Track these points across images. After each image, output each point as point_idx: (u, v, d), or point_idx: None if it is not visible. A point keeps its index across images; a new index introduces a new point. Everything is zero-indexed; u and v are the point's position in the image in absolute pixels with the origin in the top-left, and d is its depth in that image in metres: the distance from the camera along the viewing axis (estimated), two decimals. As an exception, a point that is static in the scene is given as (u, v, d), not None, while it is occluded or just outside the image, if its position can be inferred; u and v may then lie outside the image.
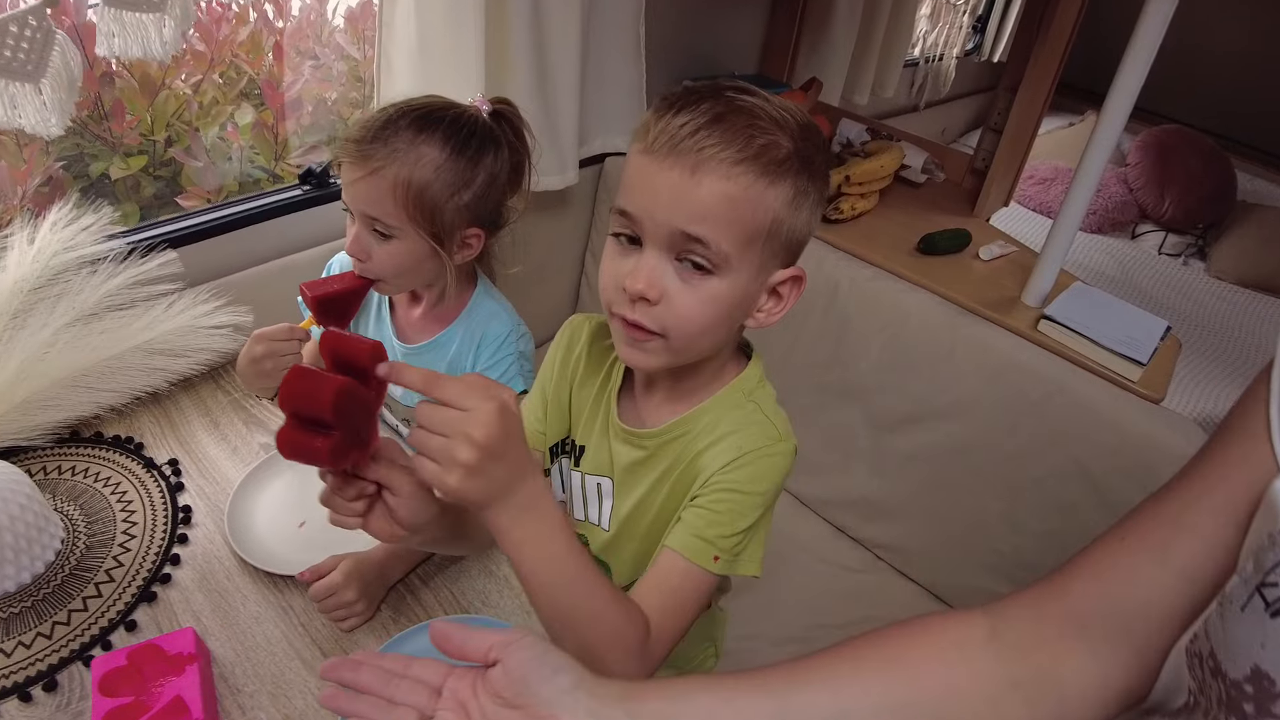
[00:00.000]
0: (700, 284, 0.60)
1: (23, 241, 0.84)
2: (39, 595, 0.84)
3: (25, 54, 0.80)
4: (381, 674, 0.51)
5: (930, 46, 2.09)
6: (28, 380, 0.78)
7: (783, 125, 0.58)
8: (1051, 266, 1.13)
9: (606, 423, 0.75)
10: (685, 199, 0.58)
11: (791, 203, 0.59)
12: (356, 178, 0.85)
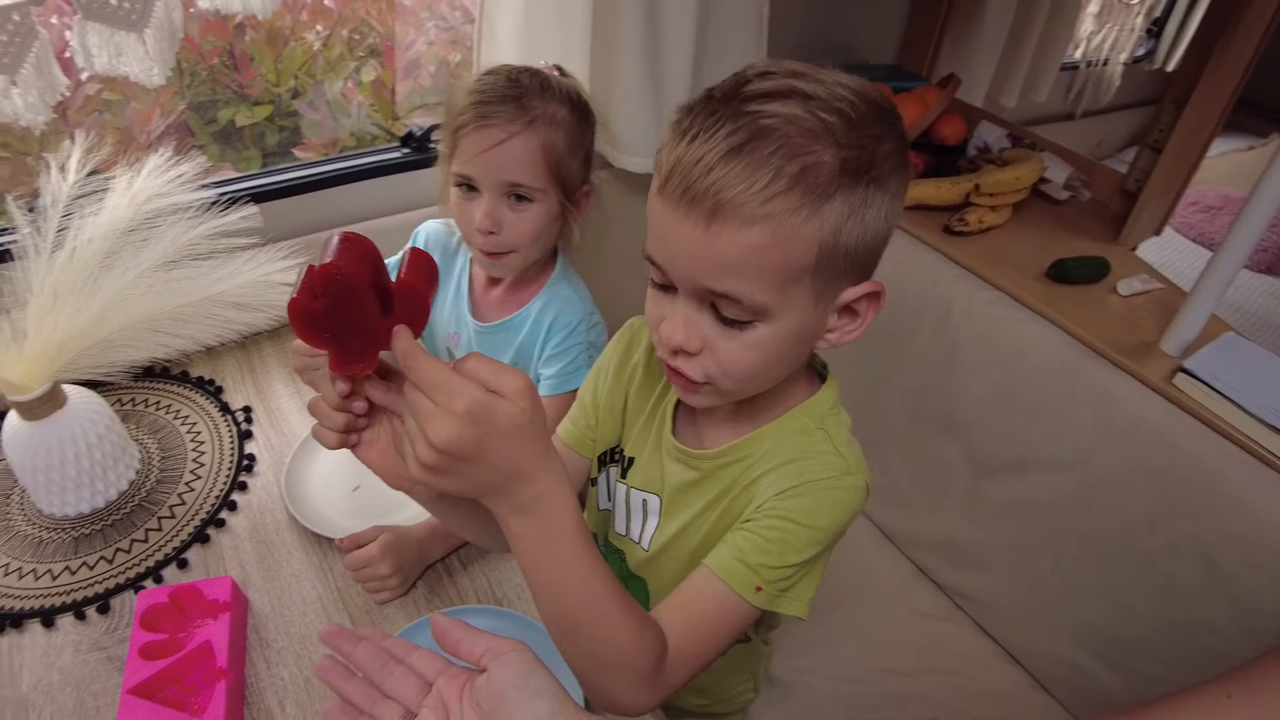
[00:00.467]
0: (740, 334, 0.55)
1: (123, 185, 0.87)
2: (109, 520, 0.88)
3: (130, 3, 0.82)
4: (379, 655, 0.51)
5: (1095, 49, 1.88)
6: (109, 320, 0.81)
7: (825, 132, 0.50)
8: (1200, 311, 0.99)
9: (660, 438, 0.70)
10: (704, 254, 0.52)
11: (849, 219, 0.52)
12: (496, 142, 0.85)
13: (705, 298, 0.55)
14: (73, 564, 0.84)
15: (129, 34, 0.83)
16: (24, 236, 0.84)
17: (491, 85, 0.87)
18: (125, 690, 0.69)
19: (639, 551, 0.74)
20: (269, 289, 0.82)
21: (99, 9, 0.81)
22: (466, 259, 1.03)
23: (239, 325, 0.83)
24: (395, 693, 0.49)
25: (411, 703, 0.48)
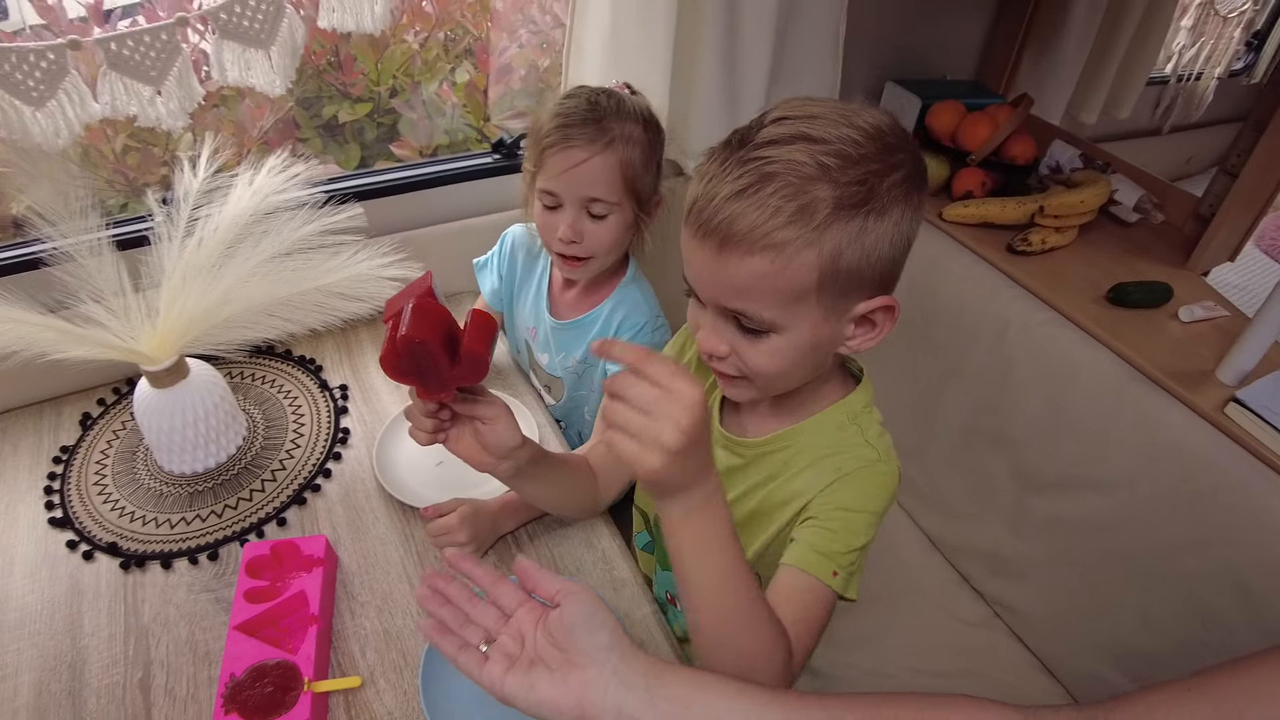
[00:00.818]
0: (759, 341, 0.64)
1: (245, 181, 0.99)
2: (219, 480, 1.01)
3: (260, 25, 0.94)
4: (462, 592, 0.61)
5: (1186, 63, 1.83)
6: (230, 303, 0.93)
7: (823, 173, 0.58)
8: (1259, 340, 0.99)
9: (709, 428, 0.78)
10: (718, 277, 0.62)
11: (849, 246, 0.59)
12: (580, 161, 0.94)
13: (725, 311, 0.64)
14: (188, 516, 0.97)
15: (258, 50, 0.94)
16: (159, 225, 0.96)
17: (573, 109, 0.96)
18: (232, 626, 0.81)
19: None
20: (371, 282, 0.93)
21: (233, 29, 0.92)
22: (547, 261, 1.13)
23: (342, 313, 0.93)
24: (480, 620, 0.59)
25: (493, 629, 0.58)
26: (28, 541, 0.95)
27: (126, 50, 0.89)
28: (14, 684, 0.81)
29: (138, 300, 0.94)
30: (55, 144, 0.92)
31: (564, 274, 1.08)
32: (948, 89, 1.43)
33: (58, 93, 0.89)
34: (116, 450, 1.05)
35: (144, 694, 0.80)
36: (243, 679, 0.78)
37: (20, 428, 1.09)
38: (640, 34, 1.11)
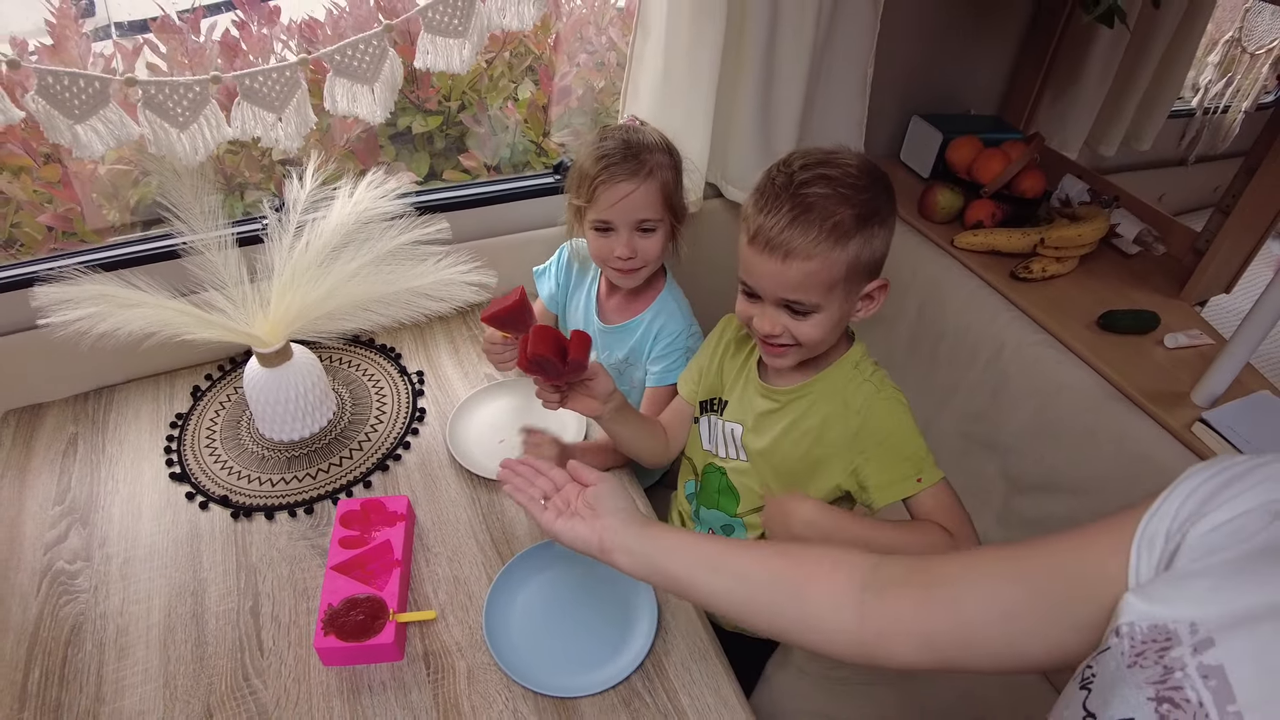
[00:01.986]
0: (806, 319, 0.91)
1: (345, 194, 1.21)
2: (313, 448, 1.24)
3: (367, 64, 1.16)
4: (532, 470, 0.92)
5: (1214, 97, 1.98)
6: (335, 298, 1.15)
7: (843, 200, 0.87)
8: (1229, 367, 1.15)
9: (748, 382, 1.07)
10: (781, 279, 0.90)
11: (863, 248, 0.89)
12: (628, 193, 1.17)
13: (780, 302, 0.92)
14: (286, 476, 1.20)
15: (364, 86, 1.16)
16: (271, 228, 1.19)
17: (613, 149, 1.17)
18: (329, 567, 1.04)
19: (738, 464, 1.09)
20: (454, 286, 1.14)
21: (346, 68, 1.14)
22: (597, 272, 1.35)
23: (427, 311, 1.15)
24: (540, 485, 0.89)
25: (548, 493, 0.89)
26: (152, 492, 1.19)
27: (257, 84, 1.12)
28: (147, 606, 1.04)
29: (252, 291, 1.17)
30: (194, 159, 1.15)
31: (621, 284, 1.28)
32: (969, 124, 1.61)
33: (199, 118, 1.13)
34: (223, 419, 1.29)
35: (254, 619, 1.03)
36: (339, 608, 1.00)
37: (141, 396, 1.34)
38: (688, 77, 1.32)
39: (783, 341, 0.94)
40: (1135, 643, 0.47)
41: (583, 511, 0.84)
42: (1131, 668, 0.47)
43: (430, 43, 1.15)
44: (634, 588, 1.05)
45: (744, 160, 1.46)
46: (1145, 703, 0.45)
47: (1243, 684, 0.42)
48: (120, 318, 1.09)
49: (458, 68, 1.17)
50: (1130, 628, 0.48)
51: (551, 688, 0.95)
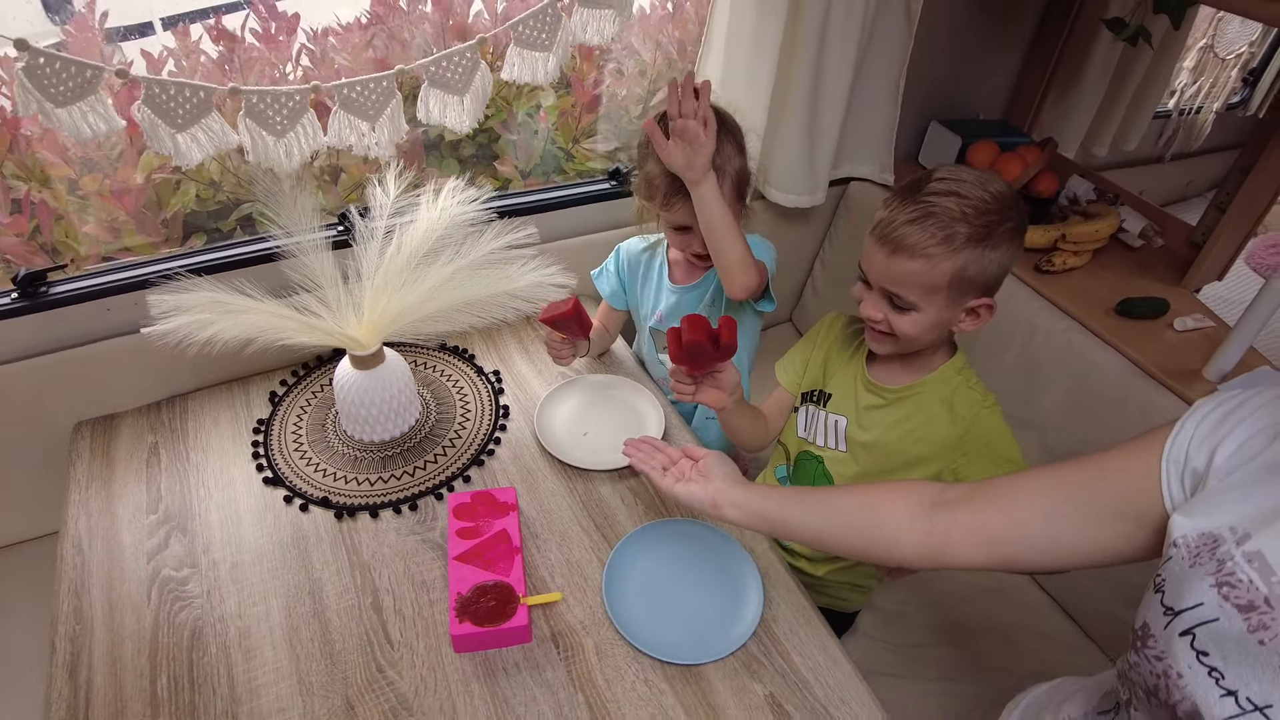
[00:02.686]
0: (904, 314, 1.01)
1: (428, 201, 1.28)
2: (405, 447, 1.32)
3: (459, 77, 1.24)
4: (651, 447, 1.08)
5: (1188, 99, 2.22)
6: (433, 301, 1.22)
7: (960, 218, 0.95)
8: (1238, 345, 1.33)
9: (856, 377, 1.17)
10: (887, 271, 1.00)
11: (972, 264, 0.97)
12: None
13: (884, 293, 1.02)
14: (384, 475, 1.27)
15: (455, 96, 1.25)
16: (359, 232, 1.26)
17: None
18: (452, 557, 1.12)
19: (837, 454, 1.20)
20: (544, 288, 1.24)
21: (440, 79, 1.23)
22: (662, 257, 1.43)
23: (518, 312, 1.23)
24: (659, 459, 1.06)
25: (666, 465, 1.04)
26: (247, 497, 1.24)
27: (355, 93, 1.20)
28: (266, 607, 1.10)
29: (345, 294, 1.23)
30: (288, 166, 1.22)
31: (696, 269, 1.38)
32: (981, 128, 1.79)
33: (296, 127, 1.19)
34: (308, 422, 1.35)
35: (377, 613, 1.10)
36: (469, 595, 1.08)
37: (216, 403, 1.39)
38: (747, 88, 1.45)
39: (882, 329, 1.05)
40: (1190, 549, 0.63)
41: (696, 478, 1.00)
42: (1193, 567, 0.62)
43: (518, 55, 1.24)
44: (738, 561, 1.17)
45: (788, 164, 1.60)
46: (1209, 590, 0.60)
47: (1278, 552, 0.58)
48: (224, 324, 1.15)
49: (542, 79, 1.26)
50: (1184, 539, 0.63)
51: (677, 656, 1.05)
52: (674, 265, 1.45)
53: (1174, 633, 0.62)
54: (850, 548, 0.92)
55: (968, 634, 1.43)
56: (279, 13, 1.49)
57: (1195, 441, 0.68)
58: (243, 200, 1.56)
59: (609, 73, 1.82)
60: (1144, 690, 0.66)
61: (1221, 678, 0.58)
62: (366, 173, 1.64)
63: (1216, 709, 0.58)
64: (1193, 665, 0.60)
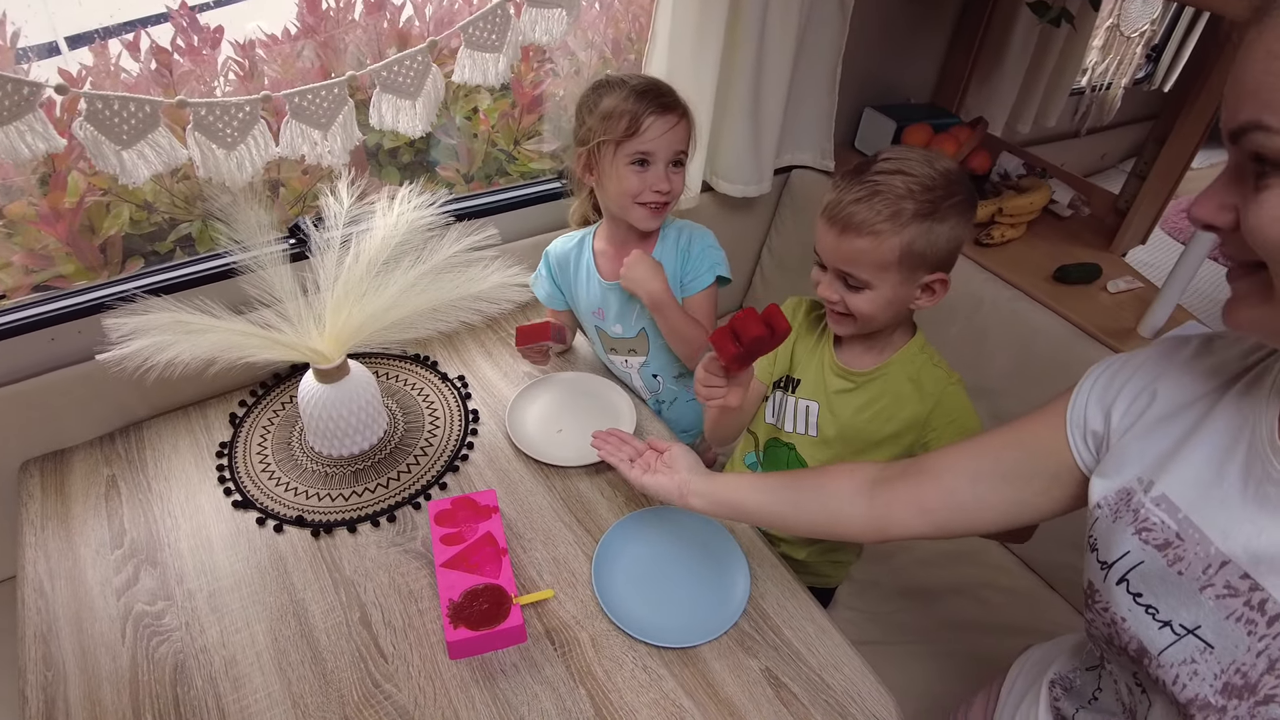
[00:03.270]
0: (859, 293, 1.05)
1: (383, 209, 1.28)
2: (376, 459, 1.32)
3: (410, 80, 1.25)
4: (618, 439, 1.14)
5: (1100, 76, 2.38)
6: (397, 308, 1.23)
7: (907, 194, 0.99)
8: (1167, 303, 1.45)
9: (824, 363, 1.20)
10: (838, 250, 1.04)
11: (919, 238, 1.00)
12: (674, 124, 1.27)
13: (838, 273, 1.06)
14: (357, 489, 1.27)
15: (407, 100, 1.26)
16: (316, 244, 1.25)
17: (649, 87, 1.26)
18: (439, 565, 1.13)
19: (809, 439, 1.23)
20: (509, 289, 1.25)
21: (392, 84, 1.23)
22: (589, 252, 1.44)
23: (483, 315, 1.24)
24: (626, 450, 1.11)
25: (632, 456, 1.10)
26: (217, 523, 1.22)
27: (306, 102, 1.20)
28: (249, 633, 1.08)
29: (305, 306, 1.22)
30: (240, 180, 1.21)
31: (646, 225, 1.35)
32: (913, 112, 1.88)
33: (248, 138, 1.19)
34: (272, 441, 1.33)
35: (367, 628, 1.10)
36: (461, 601, 1.09)
37: (173, 429, 1.36)
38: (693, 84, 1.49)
39: (840, 310, 1.09)
40: (1111, 507, 0.70)
41: (662, 469, 1.07)
42: (1115, 522, 0.69)
43: (469, 57, 1.26)
44: (721, 542, 1.21)
45: (735, 156, 1.65)
46: (1131, 537, 0.67)
47: (1180, 496, 0.65)
48: (186, 344, 1.13)
49: (493, 80, 1.28)
50: (1105, 500, 0.71)
51: (672, 640, 1.08)
52: (600, 256, 1.45)
53: (1111, 583, 0.69)
54: (809, 527, 1.00)
55: (939, 597, 1.50)
56: (201, 26, 1.48)
57: (1090, 404, 0.75)
58: (180, 220, 1.54)
59: (545, 73, 1.85)
60: (1103, 641, 0.73)
61: (1156, 612, 0.65)
62: (308, 185, 1.64)
63: (1157, 640, 0.65)
64: (1131, 608, 0.67)
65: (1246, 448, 0.62)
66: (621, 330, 1.47)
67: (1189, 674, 0.63)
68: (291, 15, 1.53)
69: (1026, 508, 0.81)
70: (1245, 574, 0.60)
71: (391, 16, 1.63)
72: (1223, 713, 0.61)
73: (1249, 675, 0.59)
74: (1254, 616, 0.59)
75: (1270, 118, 0.48)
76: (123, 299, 1.14)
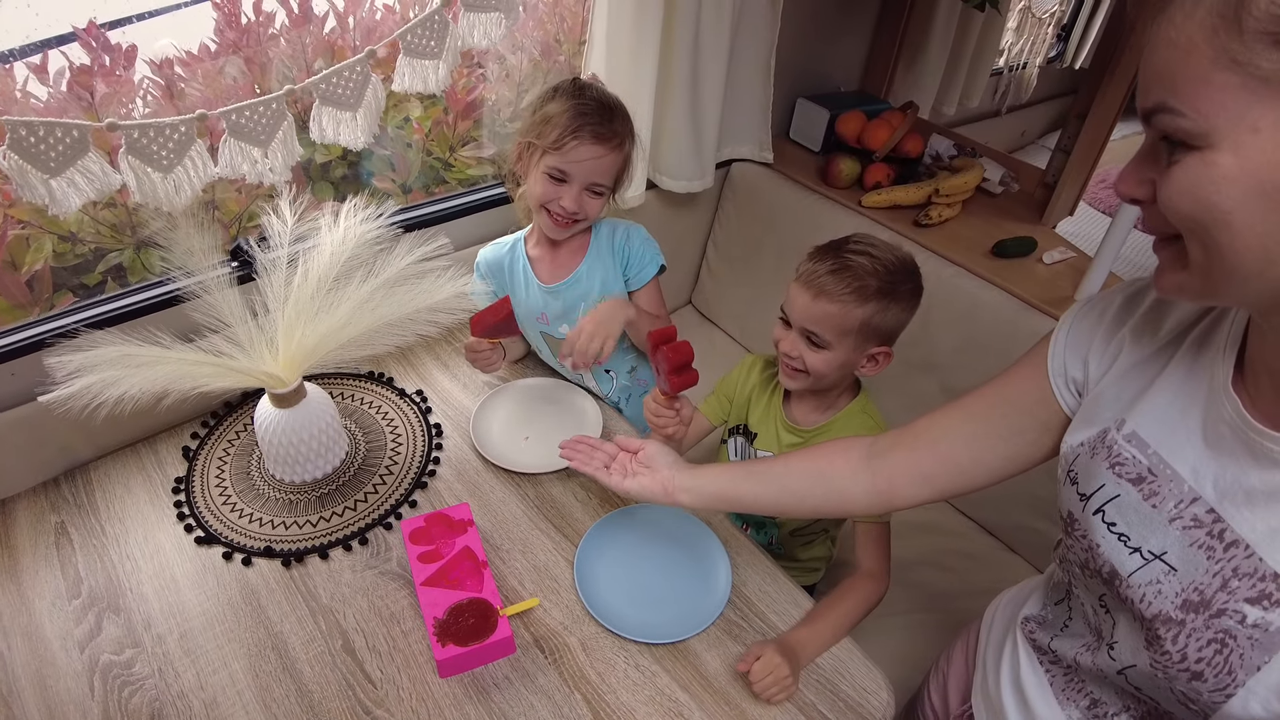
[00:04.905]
0: (818, 352, 1.16)
1: (328, 224, 1.26)
2: (340, 482, 1.30)
3: (350, 91, 1.24)
4: (588, 446, 1.14)
5: (1015, 56, 2.50)
6: (352, 325, 1.21)
7: (872, 273, 1.14)
8: (1100, 271, 1.53)
9: (776, 420, 1.30)
10: (808, 312, 1.16)
11: (877, 314, 1.15)
12: (598, 155, 1.29)
13: (803, 331, 1.17)
14: (325, 514, 1.25)
15: (347, 112, 1.25)
16: (262, 265, 1.23)
17: (591, 109, 1.27)
18: (418, 584, 1.12)
19: None
20: (464, 298, 1.25)
21: (330, 96, 1.22)
22: (523, 258, 1.45)
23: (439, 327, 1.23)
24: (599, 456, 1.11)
25: (606, 462, 1.10)
26: (181, 561, 1.19)
27: (244, 119, 1.18)
28: (228, 672, 1.06)
29: (256, 329, 1.20)
30: (178, 203, 1.18)
31: (551, 233, 1.38)
32: (844, 100, 1.94)
33: (185, 159, 1.16)
34: (230, 473, 1.30)
35: (351, 655, 1.08)
36: (446, 618, 1.08)
37: (124, 469, 1.31)
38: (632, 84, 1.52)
39: (796, 366, 1.20)
40: (1089, 446, 0.77)
41: (641, 470, 1.08)
42: (1093, 459, 0.76)
43: (408, 65, 1.25)
44: (700, 535, 1.24)
45: (677, 152, 1.68)
46: (1107, 472, 0.74)
47: (1148, 432, 0.72)
48: (136, 378, 1.10)
49: (434, 87, 1.28)
50: (1085, 441, 0.78)
51: (661, 636, 1.10)
52: (535, 262, 1.46)
53: (1089, 512, 0.76)
54: (811, 510, 1.07)
55: (909, 568, 1.56)
56: (113, 45, 1.44)
57: (1068, 352, 0.82)
58: (107, 249, 1.49)
59: (478, 79, 1.85)
60: (1078, 566, 0.80)
61: (1128, 540, 0.72)
62: (244, 204, 1.61)
63: (1127, 564, 0.72)
64: (1105, 535, 0.74)
65: (1206, 392, 0.69)
66: (568, 331, 1.48)
67: (1154, 593, 0.70)
68: (205, 31, 1.50)
69: (1021, 459, 0.87)
70: (1211, 509, 0.67)
71: (315, 28, 1.61)
72: (1182, 625, 0.68)
73: (1205, 593, 0.66)
74: (1213, 544, 0.66)
75: (1174, 100, 0.53)
76: (62, 335, 1.10)
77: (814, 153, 1.99)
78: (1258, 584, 0.64)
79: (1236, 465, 0.66)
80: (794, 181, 1.91)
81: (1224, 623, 0.65)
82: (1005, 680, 0.94)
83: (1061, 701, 0.87)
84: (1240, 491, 0.65)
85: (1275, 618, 0.63)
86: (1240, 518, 0.65)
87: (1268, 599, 0.63)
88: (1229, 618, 0.65)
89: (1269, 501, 0.64)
